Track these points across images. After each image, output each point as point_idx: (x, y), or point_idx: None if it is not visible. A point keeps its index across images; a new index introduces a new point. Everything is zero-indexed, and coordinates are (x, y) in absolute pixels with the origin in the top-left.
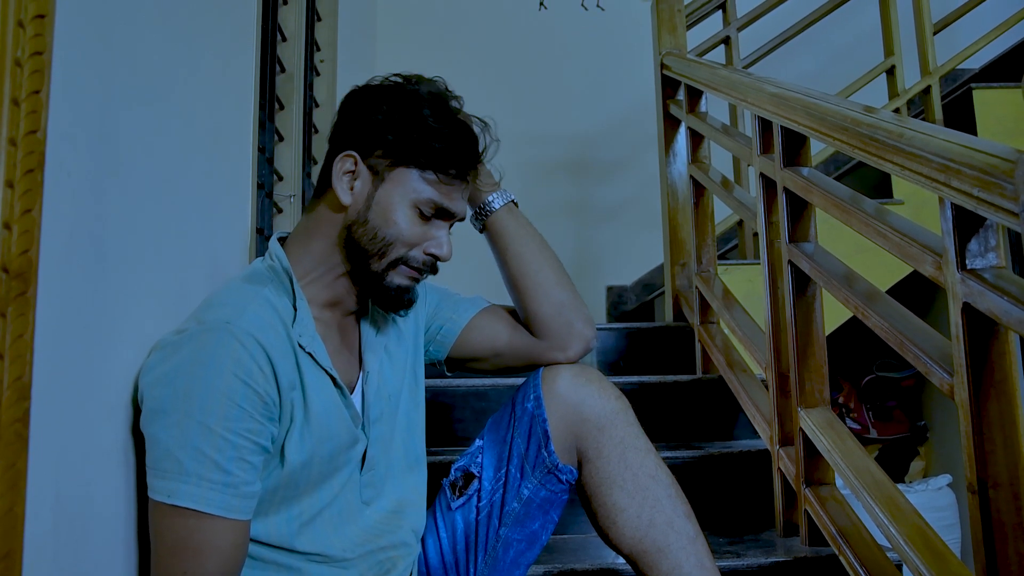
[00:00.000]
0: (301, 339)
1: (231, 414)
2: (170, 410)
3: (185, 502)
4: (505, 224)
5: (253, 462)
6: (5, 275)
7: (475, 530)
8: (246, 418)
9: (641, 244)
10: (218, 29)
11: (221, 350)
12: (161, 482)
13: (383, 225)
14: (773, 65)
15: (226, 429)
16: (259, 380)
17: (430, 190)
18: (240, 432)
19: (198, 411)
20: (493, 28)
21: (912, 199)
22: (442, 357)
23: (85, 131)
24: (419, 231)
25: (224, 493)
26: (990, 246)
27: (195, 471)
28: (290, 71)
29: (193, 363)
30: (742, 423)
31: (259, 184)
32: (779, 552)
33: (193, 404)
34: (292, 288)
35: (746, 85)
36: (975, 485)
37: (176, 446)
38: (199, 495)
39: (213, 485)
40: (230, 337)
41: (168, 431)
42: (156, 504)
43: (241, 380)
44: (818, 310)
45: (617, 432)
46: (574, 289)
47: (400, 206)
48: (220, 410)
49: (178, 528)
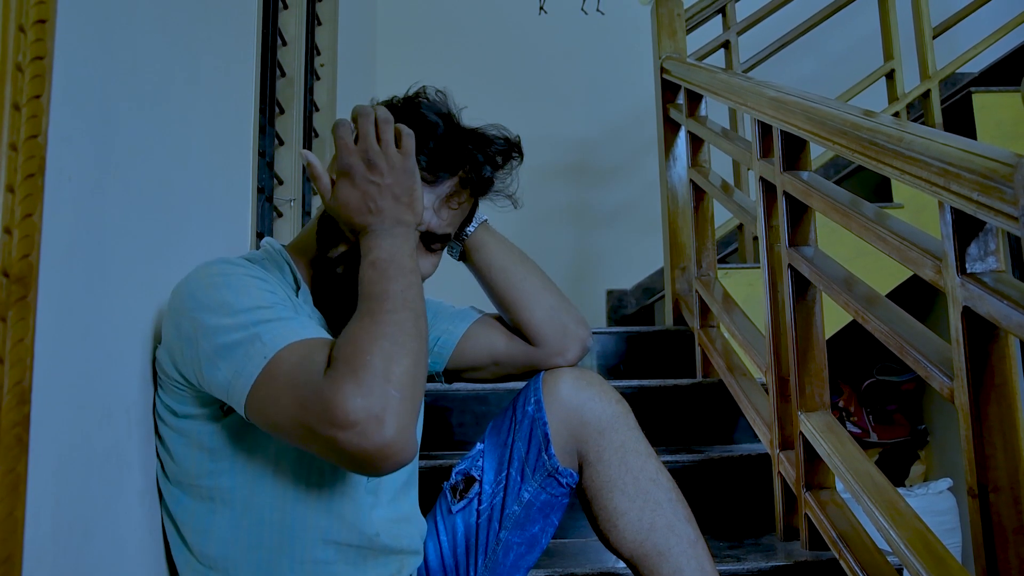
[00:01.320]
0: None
1: (265, 289)
2: (213, 319)
3: (281, 342)
4: (484, 242)
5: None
6: (5, 279)
7: (475, 533)
8: (278, 293)
9: (641, 248)
10: (218, 33)
11: (224, 268)
12: (242, 350)
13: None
14: (773, 69)
15: (262, 289)
16: (271, 281)
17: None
18: (281, 303)
19: (233, 287)
20: (493, 32)
21: (912, 203)
22: (440, 369)
23: (86, 136)
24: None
25: (298, 323)
26: (990, 250)
27: (264, 318)
28: (290, 75)
29: (206, 288)
30: (742, 427)
31: (259, 188)
32: (779, 556)
33: (226, 291)
34: (290, 268)
35: (746, 89)
36: (975, 489)
37: (230, 318)
38: (284, 331)
39: (287, 320)
40: (226, 263)
41: (216, 317)
42: (262, 374)
43: (258, 279)
44: (818, 314)
45: (618, 436)
46: (561, 293)
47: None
48: (256, 292)
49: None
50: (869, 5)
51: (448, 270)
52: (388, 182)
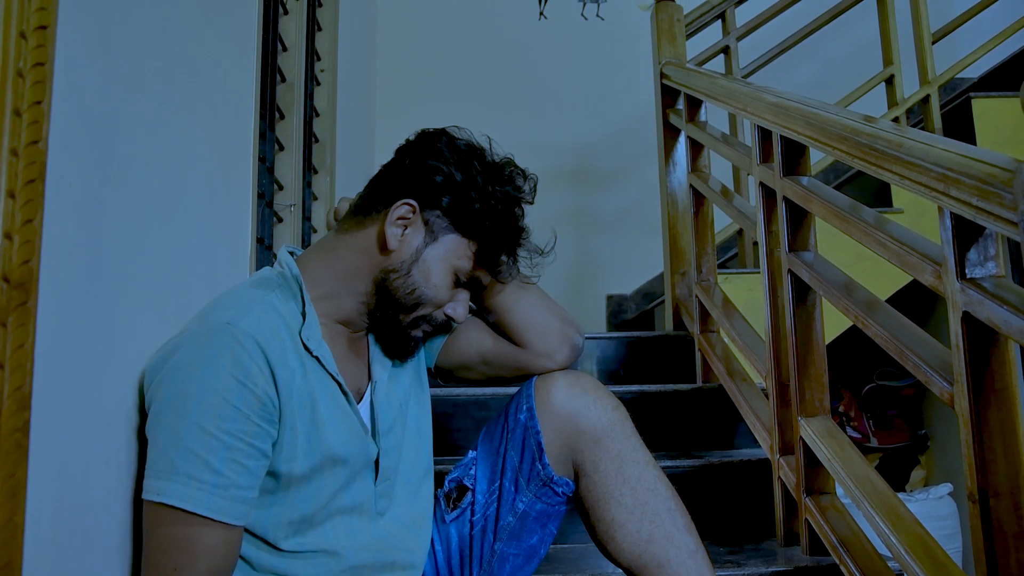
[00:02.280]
0: (308, 343)
1: (226, 414)
2: (166, 410)
3: (172, 500)
4: None
5: (248, 465)
6: (6, 285)
7: (469, 544)
8: (242, 419)
9: (641, 253)
10: (219, 39)
11: (219, 350)
12: (153, 481)
13: (423, 283)
14: (772, 74)
15: (220, 430)
16: (258, 381)
17: (472, 263)
18: (235, 433)
19: (193, 411)
20: (493, 38)
21: (912, 208)
22: (430, 365)
23: (86, 141)
24: (449, 294)
25: (213, 494)
26: (989, 255)
27: (185, 470)
28: (290, 81)
29: (192, 362)
30: (742, 432)
31: (259, 194)
32: (780, 562)
33: (189, 403)
34: (301, 295)
35: (745, 94)
36: (976, 494)
37: (169, 445)
38: (187, 494)
39: (202, 485)
40: (229, 338)
41: (164, 431)
42: (147, 503)
43: (238, 380)
44: (818, 319)
45: (614, 445)
46: (543, 293)
47: (444, 269)
48: (215, 410)
49: (168, 526)
50: (869, 10)
51: None
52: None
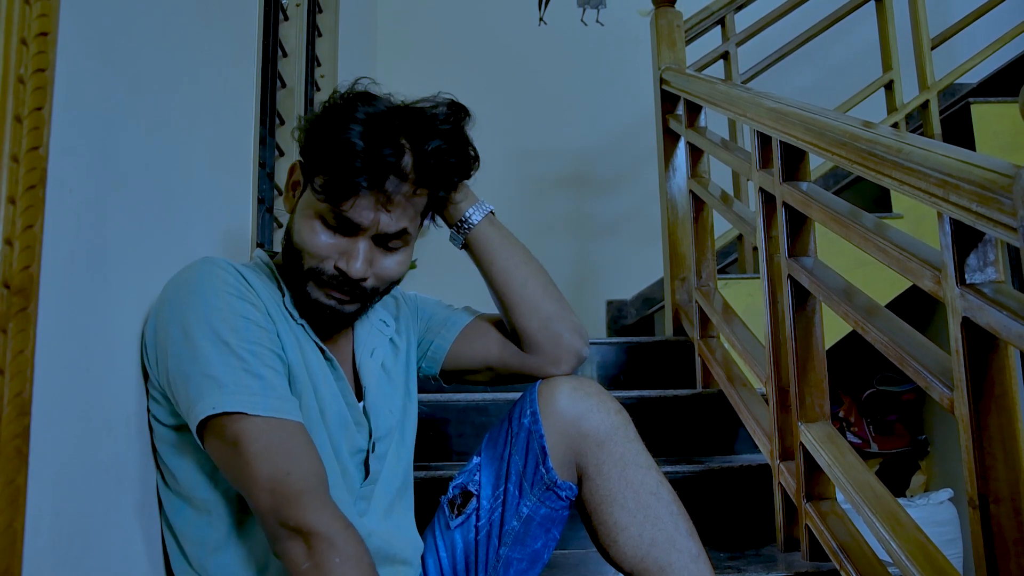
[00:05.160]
0: (292, 311)
1: (239, 326)
2: (181, 344)
3: (233, 407)
4: (488, 238)
5: (277, 369)
6: (6, 291)
7: (475, 550)
8: (254, 328)
9: (641, 258)
10: (219, 45)
11: (207, 275)
12: (201, 403)
13: (296, 234)
14: (772, 80)
15: (241, 341)
16: (251, 296)
17: (322, 203)
18: (255, 341)
19: (209, 332)
20: (492, 44)
21: (911, 213)
22: (435, 372)
23: (86, 147)
24: (327, 243)
25: (269, 397)
26: (989, 261)
27: (232, 381)
28: (291, 86)
29: (185, 295)
30: (742, 437)
31: (259, 199)
32: (780, 567)
33: (201, 328)
34: (276, 278)
35: (745, 100)
36: (976, 500)
37: (202, 369)
38: (246, 401)
39: (254, 393)
40: (212, 265)
41: (188, 363)
42: (207, 423)
43: (235, 296)
44: (818, 324)
45: (617, 448)
46: (562, 299)
47: (308, 215)
48: (228, 325)
49: (229, 437)
50: (868, 16)
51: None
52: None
